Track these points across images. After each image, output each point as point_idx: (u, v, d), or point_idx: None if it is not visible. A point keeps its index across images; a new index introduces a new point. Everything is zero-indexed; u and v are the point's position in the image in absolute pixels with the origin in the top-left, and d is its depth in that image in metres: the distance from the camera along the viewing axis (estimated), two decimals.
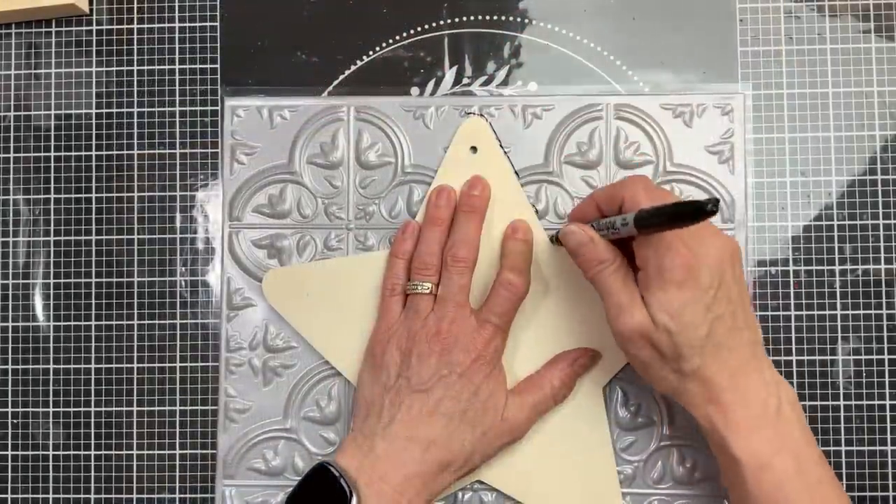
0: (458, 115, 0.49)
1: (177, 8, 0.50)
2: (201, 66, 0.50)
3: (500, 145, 0.48)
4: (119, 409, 0.49)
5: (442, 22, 0.50)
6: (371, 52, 0.50)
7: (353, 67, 0.50)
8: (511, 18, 0.49)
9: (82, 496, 0.49)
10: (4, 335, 0.50)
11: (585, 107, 0.48)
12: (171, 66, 0.50)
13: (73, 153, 0.50)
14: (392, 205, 0.49)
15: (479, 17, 0.50)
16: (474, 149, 0.48)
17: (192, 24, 0.50)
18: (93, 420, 0.49)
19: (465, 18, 0.50)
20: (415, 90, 0.50)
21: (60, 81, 0.51)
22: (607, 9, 0.49)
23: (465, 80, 0.49)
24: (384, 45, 0.50)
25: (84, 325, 0.50)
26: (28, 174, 0.50)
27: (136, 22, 0.50)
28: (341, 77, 0.50)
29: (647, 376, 0.41)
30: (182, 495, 0.49)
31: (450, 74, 0.49)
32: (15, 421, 0.50)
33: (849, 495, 0.46)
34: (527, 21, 0.49)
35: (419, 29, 0.50)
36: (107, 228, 0.50)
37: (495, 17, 0.49)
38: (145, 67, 0.50)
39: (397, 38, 0.50)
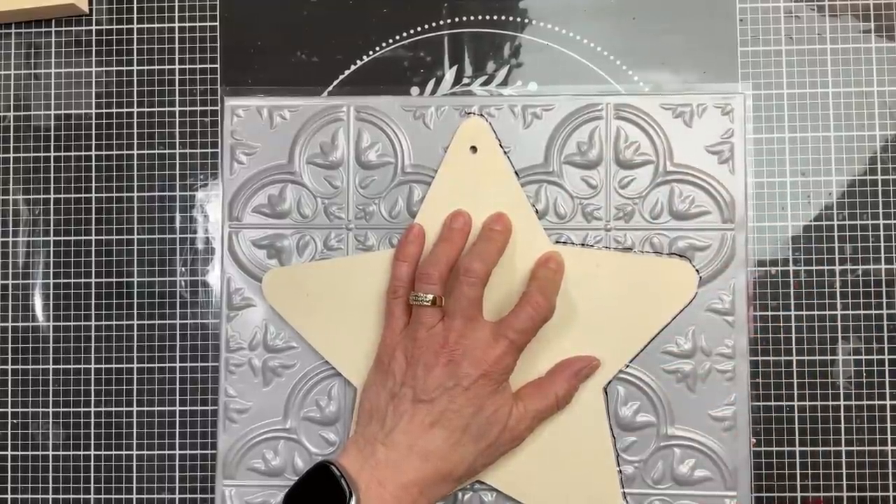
0: (458, 115, 0.49)
1: (177, 8, 0.50)
2: (201, 66, 0.50)
3: (500, 145, 0.48)
4: (119, 409, 0.49)
5: (442, 22, 0.50)
6: (371, 52, 0.50)
7: (353, 67, 0.50)
8: (511, 18, 0.49)
9: (82, 496, 0.49)
10: (4, 335, 0.50)
11: (585, 107, 0.48)
12: (171, 66, 0.50)
13: (73, 153, 0.50)
14: (392, 205, 0.49)
15: (479, 17, 0.50)
16: (474, 149, 0.48)
17: (192, 24, 0.50)
18: (93, 420, 0.49)
19: (465, 18, 0.50)
20: (415, 90, 0.50)
21: (60, 81, 0.51)
22: (607, 9, 0.49)
23: (465, 80, 0.49)
24: (384, 45, 0.50)
25: (84, 325, 0.50)
26: (28, 174, 0.50)
27: (136, 22, 0.50)
28: (341, 77, 0.50)
29: None
30: (182, 495, 0.49)
31: (450, 74, 0.49)
32: (15, 421, 0.50)
33: (849, 495, 0.46)
34: (527, 21, 0.49)
35: (419, 29, 0.50)
36: (107, 228, 0.50)
37: (495, 17, 0.49)
38: (145, 67, 0.50)
39: (397, 38, 0.50)
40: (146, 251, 0.50)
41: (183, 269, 0.50)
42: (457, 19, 0.50)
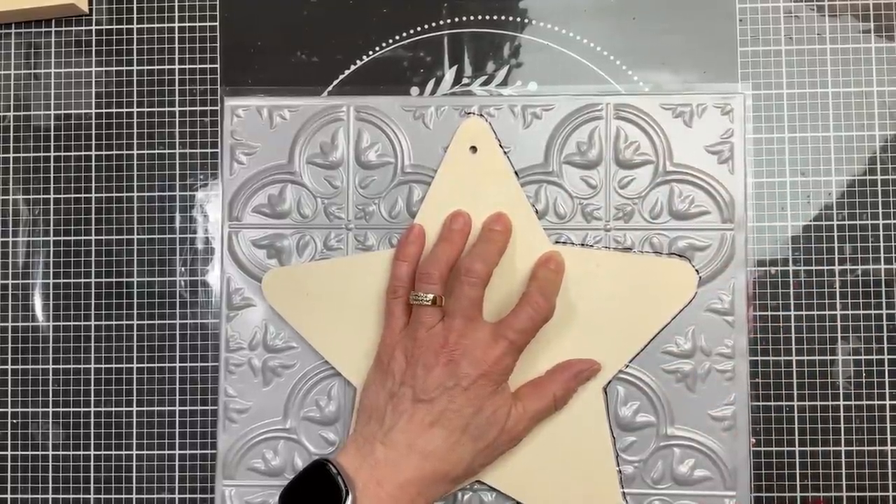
0: (457, 115, 0.49)
1: (177, 8, 0.50)
2: (201, 66, 0.50)
3: (500, 145, 0.48)
4: (119, 409, 0.49)
5: (442, 22, 0.50)
6: (371, 52, 0.50)
7: (352, 67, 0.50)
8: (511, 18, 0.49)
9: (82, 496, 0.49)
10: (4, 335, 0.50)
11: (585, 107, 0.48)
12: (171, 66, 0.50)
13: (73, 153, 0.50)
14: (392, 205, 0.49)
15: (479, 17, 0.50)
16: (474, 149, 0.48)
17: (192, 24, 0.50)
18: (93, 420, 0.49)
19: (465, 18, 0.50)
20: (415, 90, 0.50)
21: (60, 81, 0.51)
22: (607, 9, 0.49)
23: (465, 80, 0.49)
24: (384, 45, 0.50)
25: (84, 325, 0.50)
26: (28, 174, 0.50)
27: (136, 22, 0.50)
28: (341, 77, 0.50)
29: None
30: (182, 495, 0.49)
31: (450, 74, 0.49)
32: (15, 421, 0.50)
33: (849, 495, 0.46)
34: (527, 21, 0.49)
35: (419, 29, 0.50)
36: (107, 228, 0.50)
37: (495, 17, 0.49)
38: (145, 67, 0.50)
39: (397, 38, 0.50)
40: (146, 251, 0.50)
41: (183, 269, 0.50)
42: (457, 19, 0.50)
